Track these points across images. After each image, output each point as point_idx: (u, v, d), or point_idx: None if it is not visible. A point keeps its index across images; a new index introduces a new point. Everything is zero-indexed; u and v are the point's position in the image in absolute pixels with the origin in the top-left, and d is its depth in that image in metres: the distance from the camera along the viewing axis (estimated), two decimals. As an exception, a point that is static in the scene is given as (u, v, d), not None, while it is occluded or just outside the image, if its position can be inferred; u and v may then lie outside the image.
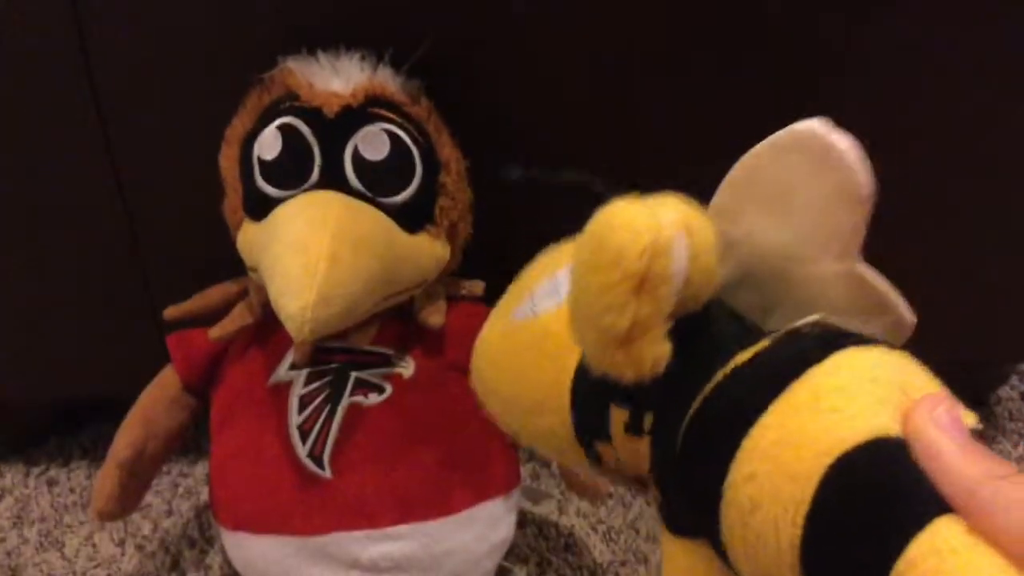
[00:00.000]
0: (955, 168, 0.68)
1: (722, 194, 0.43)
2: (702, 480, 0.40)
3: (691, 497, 0.42)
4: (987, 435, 0.87)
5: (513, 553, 0.72)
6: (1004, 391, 0.93)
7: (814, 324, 0.39)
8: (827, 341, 0.38)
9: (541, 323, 0.46)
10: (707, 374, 0.40)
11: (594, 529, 0.76)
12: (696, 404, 0.41)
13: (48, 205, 0.68)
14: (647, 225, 0.35)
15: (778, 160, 0.41)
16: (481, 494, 0.59)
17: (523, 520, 0.76)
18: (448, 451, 0.58)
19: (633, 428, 0.44)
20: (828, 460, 0.34)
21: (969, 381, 0.88)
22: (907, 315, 0.41)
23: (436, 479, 0.57)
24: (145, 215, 0.68)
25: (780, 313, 0.42)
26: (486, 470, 0.60)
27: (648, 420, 0.44)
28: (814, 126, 0.39)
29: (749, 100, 0.64)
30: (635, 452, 0.44)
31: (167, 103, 0.64)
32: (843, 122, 0.39)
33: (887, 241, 0.43)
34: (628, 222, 0.35)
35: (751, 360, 0.39)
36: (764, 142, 0.41)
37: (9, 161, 0.67)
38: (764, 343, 0.39)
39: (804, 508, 0.35)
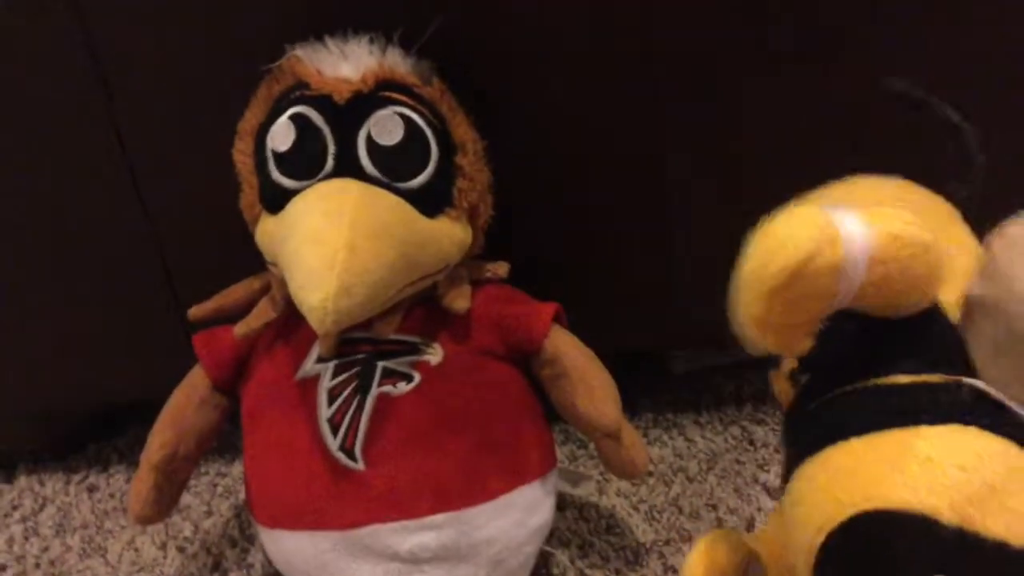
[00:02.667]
0: None
1: (992, 249, 0.43)
2: (795, 450, 0.45)
3: (787, 457, 0.47)
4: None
5: (554, 537, 0.72)
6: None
7: (973, 389, 0.40)
8: (957, 408, 0.40)
9: None
10: (869, 373, 0.43)
11: (635, 509, 0.75)
12: (837, 392, 0.44)
13: (69, 217, 0.69)
14: (801, 243, 0.36)
15: None
16: (517, 479, 0.58)
17: (563, 503, 0.75)
18: (481, 437, 0.57)
19: (792, 378, 0.49)
20: (847, 514, 0.39)
21: None
22: None
23: (470, 466, 0.56)
24: (164, 216, 0.68)
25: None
26: (521, 454, 0.59)
27: (804, 378, 0.48)
28: None
29: (767, 81, 0.63)
30: (785, 393, 0.50)
31: (177, 100, 0.63)
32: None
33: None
34: (787, 234, 0.37)
35: (893, 390, 0.42)
36: None
37: (30, 178, 0.67)
38: (932, 378, 0.41)
39: (812, 555, 0.40)
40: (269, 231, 0.56)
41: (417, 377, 0.57)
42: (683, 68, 0.63)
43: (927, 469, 0.37)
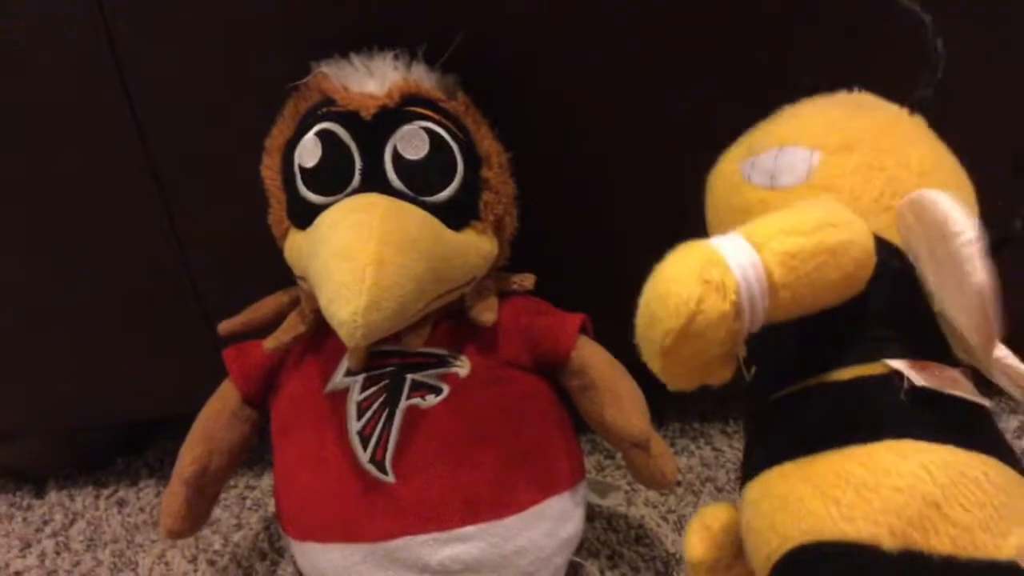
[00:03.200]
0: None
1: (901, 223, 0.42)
2: (746, 458, 0.44)
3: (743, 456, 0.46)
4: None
5: (584, 547, 0.72)
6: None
7: (913, 387, 0.38)
8: (893, 417, 0.38)
9: (765, 196, 0.47)
10: (809, 369, 0.41)
11: (664, 519, 0.75)
12: (780, 393, 0.43)
13: (97, 234, 0.69)
14: (682, 302, 0.35)
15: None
16: (547, 490, 0.58)
17: (592, 513, 0.75)
18: (510, 448, 0.57)
19: (746, 366, 0.47)
20: (787, 548, 0.38)
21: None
22: None
23: (500, 477, 0.56)
24: (193, 233, 0.69)
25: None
26: (550, 465, 0.59)
27: (752, 370, 0.46)
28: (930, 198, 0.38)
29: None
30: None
31: (206, 119, 0.64)
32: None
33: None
34: (666, 293, 0.35)
35: (828, 395, 0.40)
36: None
37: (58, 197, 0.67)
38: (874, 370, 0.40)
39: (768, 569, 0.40)
40: (297, 246, 0.56)
41: (446, 389, 0.57)
42: (698, 70, 0.64)
43: (862, 496, 0.36)
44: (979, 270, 0.35)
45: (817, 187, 0.45)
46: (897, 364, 0.39)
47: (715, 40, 0.62)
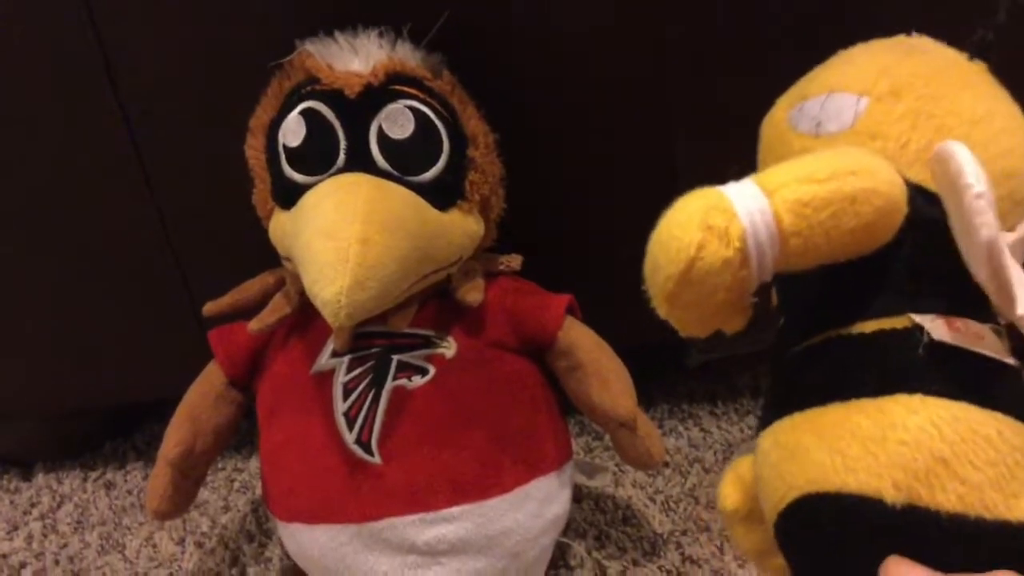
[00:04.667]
0: None
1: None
2: (763, 408, 0.44)
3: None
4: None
5: (571, 528, 0.72)
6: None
7: (934, 341, 0.37)
8: (907, 371, 0.37)
9: (809, 144, 0.45)
10: (834, 320, 0.41)
11: (652, 500, 0.75)
12: (802, 345, 0.42)
13: (83, 220, 0.69)
14: (682, 247, 0.34)
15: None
16: (533, 470, 0.58)
17: (579, 494, 0.75)
18: (496, 429, 0.57)
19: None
20: (791, 497, 0.39)
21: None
22: None
23: (486, 458, 0.56)
24: (178, 214, 0.68)
25: None
26: (536, 446, 0.59)
27: (780, 320, 0.46)
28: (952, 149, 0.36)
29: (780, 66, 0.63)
30: None
31: (189, 98, 0.63)
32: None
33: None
34: (668, 236, 0.35)
35: (847, 347, 0.40)
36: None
37: (47, 185, 0.67)
38: (890, 323, 0.39)
39: (775, 517, 0.40)
40: (282, 226, 0.56)
41: (432, 370, 0.57)
42: (692, 55, 0.63)
43: (867, 449, 0.36)
44: (987, 225, 0.34)
45: (862, 134, 0.43)
46: (920, 318, 0.38)
47: (710, 16, 0.62)
